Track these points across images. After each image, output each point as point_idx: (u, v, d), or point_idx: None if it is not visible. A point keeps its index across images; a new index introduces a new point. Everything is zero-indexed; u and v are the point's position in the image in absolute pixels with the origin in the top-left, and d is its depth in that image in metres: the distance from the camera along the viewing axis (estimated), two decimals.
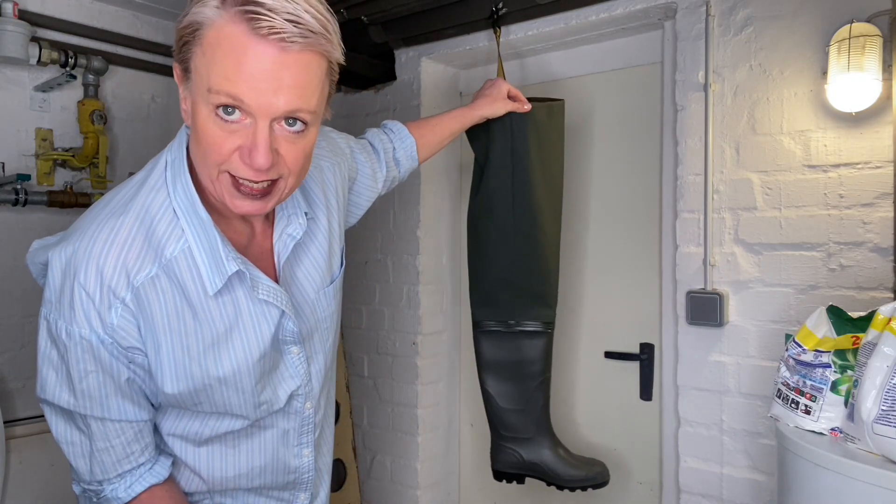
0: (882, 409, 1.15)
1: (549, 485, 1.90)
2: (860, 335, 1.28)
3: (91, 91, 2.45)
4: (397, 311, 2.58)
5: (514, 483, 1.96)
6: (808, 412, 1.32)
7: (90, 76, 2.43)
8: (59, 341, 0.97)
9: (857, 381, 1.21)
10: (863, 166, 1.63)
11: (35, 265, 1.03)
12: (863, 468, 1.14)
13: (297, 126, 0.93)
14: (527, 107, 1.79)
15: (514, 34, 2.22)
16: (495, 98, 1.75)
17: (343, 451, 2.68)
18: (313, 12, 0.88)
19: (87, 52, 2.42)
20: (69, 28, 2.40)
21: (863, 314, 1.33)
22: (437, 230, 2.57)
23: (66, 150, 2.41)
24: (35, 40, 2.25)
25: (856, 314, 1.34)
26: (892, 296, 1.58)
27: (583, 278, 2.31)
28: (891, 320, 1.20)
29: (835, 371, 1.30)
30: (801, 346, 1.36)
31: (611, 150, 2.25)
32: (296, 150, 0.94)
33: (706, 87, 1.84)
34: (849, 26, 1.56)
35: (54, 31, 2.37)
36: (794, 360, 1.36)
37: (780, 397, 1.39)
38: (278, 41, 0.86)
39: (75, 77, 2.36)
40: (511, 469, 1.93)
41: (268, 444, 1.14)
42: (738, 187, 1.81)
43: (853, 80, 1.55)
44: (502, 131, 1.82)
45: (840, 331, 1.33)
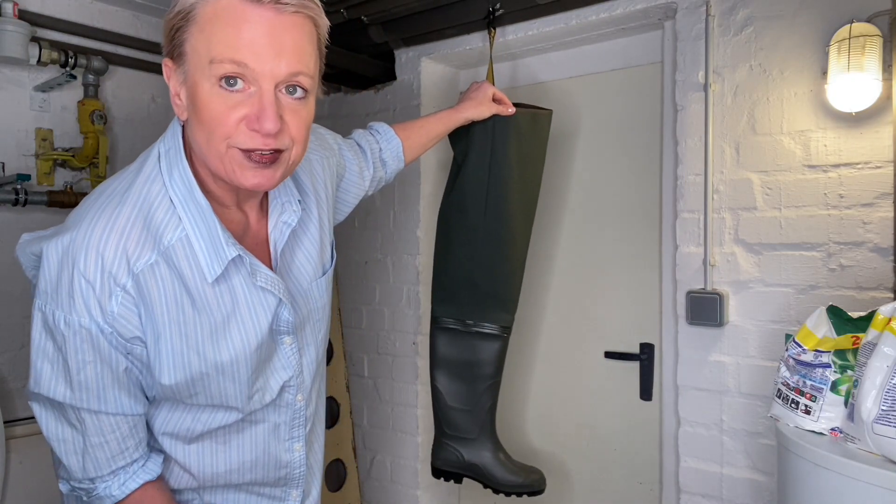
0: (882, 409, 1.15)
1: (485, 487, 1.90)
2: (860, 335, 1.28)
3: (91, 91, 2.45)
4: (397, 311, 2.58)
5: (452, 482, 1.96)
6: (808, 412, 1.32)
7: (90, 76, 2.43)
8: (56, 332, 0.96)
9: (857, 381, 1.22)
10: (863, 166, 1.63)
11: (27, 256, 1.02)
12: (863, 468, 1.14)
13: (299, 93, 0.97)
14: (511, 110, 1.79)
15: (513, 34, 2.22)
16: (480, 101, 1.76)
17: (343, 451, 2.68)
18: None
19: (87, 52, 2.41)
20: (69, 28, 2.40)
21: (863, 314, 1.33)
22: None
23: (66, 150, 2.41)
24: (35, 40, 2.25)
25: (856, 314, 1.34)
26: (892, 296, 1.58)
27: (583, 278, 2.31)
28: (891, 320, 1.20)
29: (835, 371, 1.30)
30: (801, 346, 1.36)
31: (611, 151, 2.25)
32: (298, 120, 0.98)
33: (706, 87, 1.84)
34: (849, 26, 1.56)
35: (54, 31, 2.37)
36: (794, 360, 1.36)
37: (780, 397, 1.39)
38: (274, 4, 0.91)
39: (75, 77, 2.36)
40: (450, 468, 1.93)
41: (259, 438, 1.14)
42: (738, 187, 1.81)
43: (853, 80, 1.55)
44: (483, 133, 1.81)
45: (840, 331, 1.33)
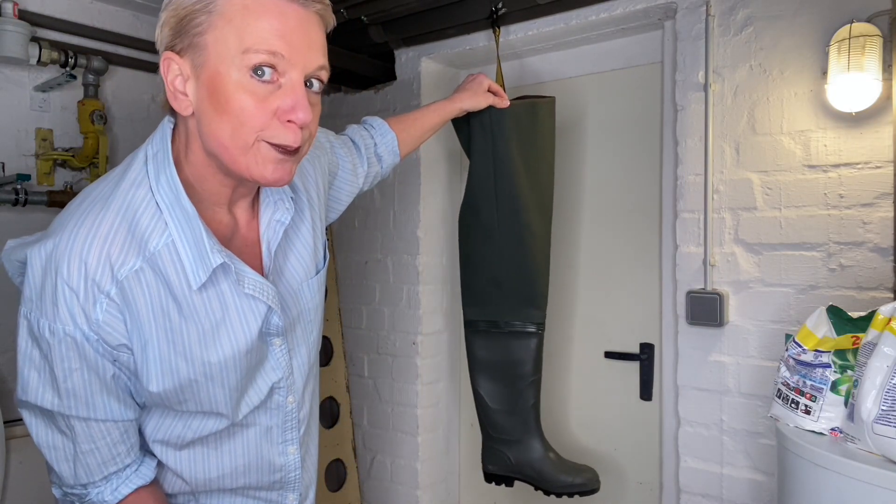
0: (882, 409, 1.15)
1: (536, 489, 1.87)
2: (860, 335, 1.28)
3: (91, 91, 2.45)
4: (397, 311, 2.58)
5: (504, 486, 1.93)
6: (808, 412, 1.32)
7: (90, 76, 2.43)
8: (41, 340, 0.95)
9: (857, 381, 1.21)
10: (863, 166, 1.63)
11: (11, 263, 1.00)
12: (863, 468, 1.14)
13: (317, 87, 0.99)
14: (505, 102, 1.78)
15: (513, 34, 2.22)
16: (475, 91, 1.75)
17: (343, 451, 2.68)
18: None
19: (87, 52, 2.41)
20: (69, 28, 2.40)
21: (863, 314, 1.33)
22: (437, 230, 2.57)
23: (66, 150, 2.41)
24: (35, 40, 2.25)
25: (856, 314, 1.34)
26: (892, 296, 1.58)
27: (583, 278, 2.31)
28: (891, 320, 1.20)
29: (835, 371, 1.30)
30: (801, 346, 1.36)
31: (611, 151, 2.25)
32: (315, 114, 0.99)
33: (706, 87, 1.84)
34: (849, 26, 1.56)
35: (54, 31, 2.37)
36: (794, 360, 1.36)
37: (780, 397, 1.39)
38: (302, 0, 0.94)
39: (75, 77, 2.36)
40: (500, 471, 1.90)
41: (250, 442, 1.13)
42: (738, 187, 1.81)
43: (853, 80, 1.55)
44: (481, 127, 1.80)
45: (840, 331, 1.33)
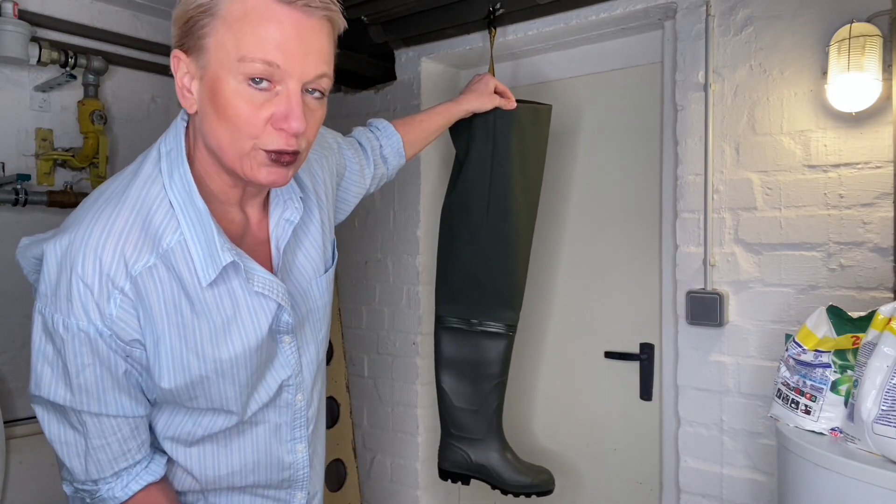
0: (882, 409, 1.15)
1: (493, 488, 1.89)
2: (860, 335, 1.28)
3: (91, 91, 2.45)
4: (397, 311, 2.58)
5: (459, 483, 1.95)
6: (808, 412, 1.32)
7: (90, 76, 2.43)
8: (55, 335, 0.96)
9: (857, 381, 1.22)
10: (863, 166, 1.63)
11: (27, 260, 1.02)
12: (863, 468, 1.14)
13: (317, 94, 0.99)
14: (512, 104, 1.78)
15: (513, 34, 2.22)
16: (482, 93, 1.75)
17: (343, 451, 2.68)
18: None
19: (87, 52, 2.41)
20: (69, 28, 2.40)
21: (863, 314, 1.33)
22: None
23: (66, 150, 2.41)
24: (35, 40, 2.25)
25: (856, 314, 1.34)
26: (892, 296, 1.58)
27: (583, 278, 2.31)
28: (891, 320, 1.20)
29: (835, 371, 1.30)
30: (801, 346, 1.36)
31: (610, 151, 2.25)
32: (315, 120, 1.00)
33: (706, 87, 1.84)
34: (849, 26, 1.56)
35: (54, 31, 2.37)
36: (794, 360, 1.36)
37: (780, 397, 1.39)
38: (303, 6, 0.93)
39: (75, 77, 2.36)
40: (458, 469, 1.92)
41: (260, 439, 1.13)
42: (738, 187, 1.81)
43: (853, 80, 1.55)
44: (484, 127, 1.80)
45: (840, 331, 1.33)
